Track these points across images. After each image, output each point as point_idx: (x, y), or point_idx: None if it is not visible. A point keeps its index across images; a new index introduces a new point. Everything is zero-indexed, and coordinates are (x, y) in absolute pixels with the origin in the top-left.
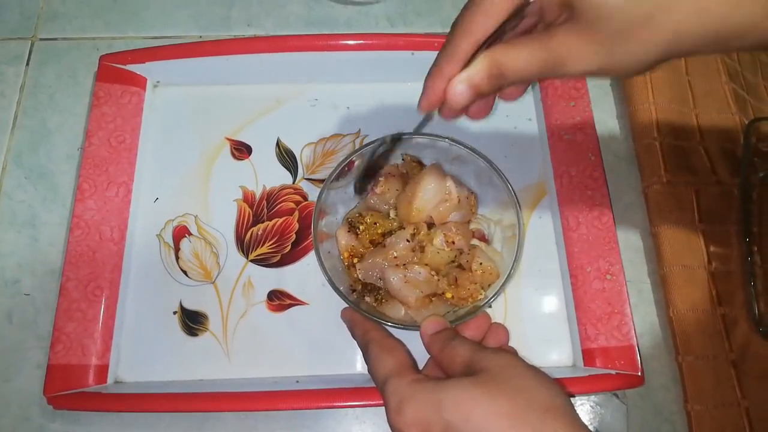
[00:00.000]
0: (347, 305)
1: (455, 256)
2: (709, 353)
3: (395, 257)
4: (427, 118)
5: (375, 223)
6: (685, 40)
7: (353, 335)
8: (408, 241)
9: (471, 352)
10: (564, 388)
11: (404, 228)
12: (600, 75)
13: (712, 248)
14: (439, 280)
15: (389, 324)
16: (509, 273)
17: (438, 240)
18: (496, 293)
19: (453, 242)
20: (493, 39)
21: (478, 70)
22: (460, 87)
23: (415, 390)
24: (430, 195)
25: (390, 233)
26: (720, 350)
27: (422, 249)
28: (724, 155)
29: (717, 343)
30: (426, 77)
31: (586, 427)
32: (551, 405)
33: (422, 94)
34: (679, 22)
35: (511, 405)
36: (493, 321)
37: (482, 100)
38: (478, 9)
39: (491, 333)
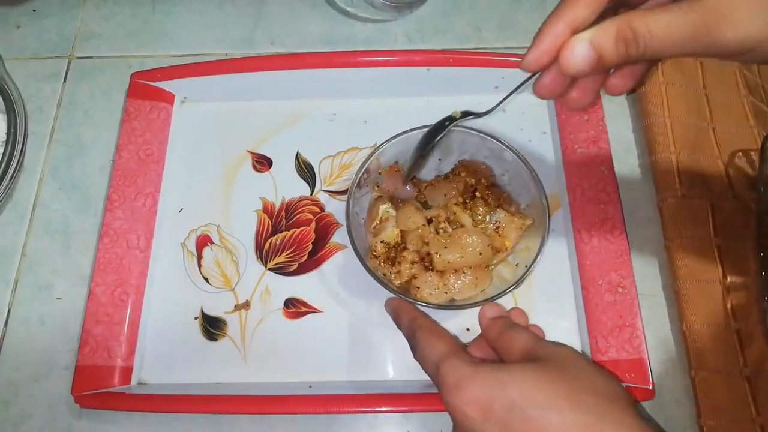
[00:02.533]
0: (391, 297)
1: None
2: (723, 368)
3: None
4: (525, 82)
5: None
6: None
7: (398, 325)
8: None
9: (532, 341)
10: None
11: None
12: (752, 50)
13: (727, 263)
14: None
15: (431, 307)
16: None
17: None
18: (535, 258)
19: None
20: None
21: (607, 29)
22: (580, 46)
23: (477, 370)
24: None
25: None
26: (734, 366)
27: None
28: (741, 169)
29: (731, 358)
30: (540, 27)
31: (644, 417)
32: (615, 396)
33: (532, 45)
34: None
35: (576, 391)
36: None
37: (589, 83)
38: None
39: (531, 329)
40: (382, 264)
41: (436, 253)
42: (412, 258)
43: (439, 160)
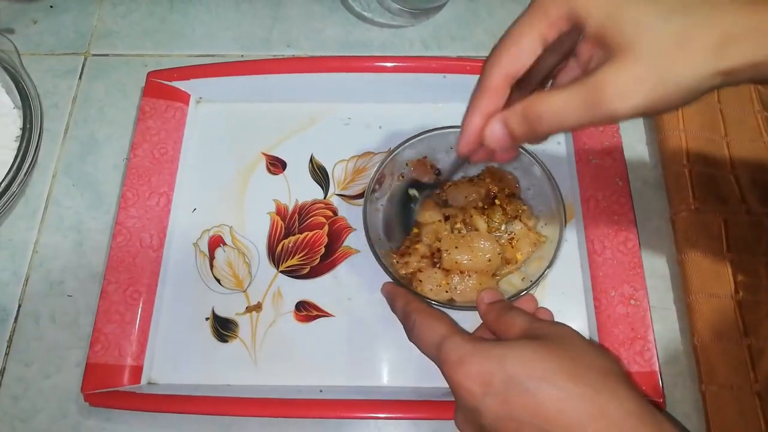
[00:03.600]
0: (387, 282)
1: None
2: (734, 383)
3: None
4: (461, 162)
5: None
6: (734, 52)
7: (393, 308)
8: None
9: (529, 322)
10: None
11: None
12: (648, 110)
13: (739, 278)
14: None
15: (434, 304)
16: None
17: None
18: (545, 269)
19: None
20: (533, 87)
21: (515, 112)
22: (496, 126)
23: (477, 346)
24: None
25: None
26: (745, 381)
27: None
28: (755, 184)
29: (742, 373)
30: (463, 118)
31: (641, 392)
32: (610, 370)
33: (461, 134)
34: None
35: (573, 365)
36: None
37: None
38: (508, 40)
39: (539, 313)
40: (392, 252)
41: (446, 251)
42: (423, 252)
43: (468, 162)
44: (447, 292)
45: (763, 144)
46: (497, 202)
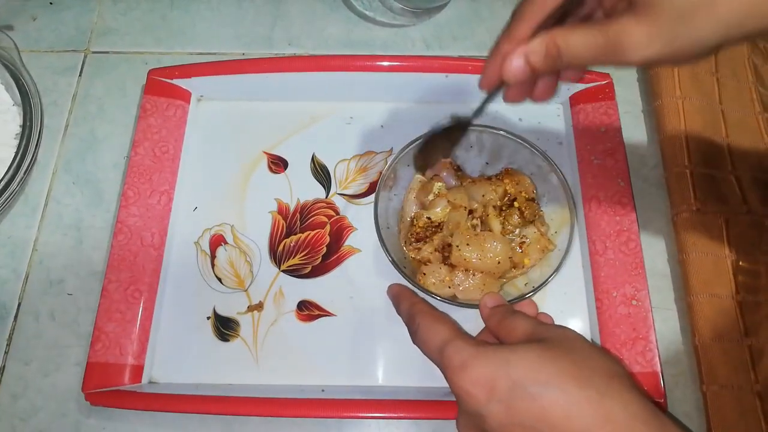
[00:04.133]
0: (394, 283)
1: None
2: (735, 384)
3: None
4: (489, 99)
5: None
6: (748, 19)
7: (398, 310)
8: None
9: (532, 326)
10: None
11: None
12: (658, 63)
13: (740, 278)
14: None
15: (436, 299)
16: (567, 248)
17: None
18: (550, 275)
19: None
20: (553, 24)
21: (535, 45)
22: (516, 61)
23: (480, 351)
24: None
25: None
26: (745, 381)
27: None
28: (756, 185)
29: (742, 373)
30: (486, 58)
31: (645, 394)
32: (615, 372)
33: (482, 72)
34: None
35: (578, 369)
36: None
37: (544, 83)
38: None
39: (539, 318)
40: (409, 236)
41: (457, 246)
42: (437, 244)
43: (486, 163)
44: (449, 288)
45: (764, 145)
46: (516, 204)
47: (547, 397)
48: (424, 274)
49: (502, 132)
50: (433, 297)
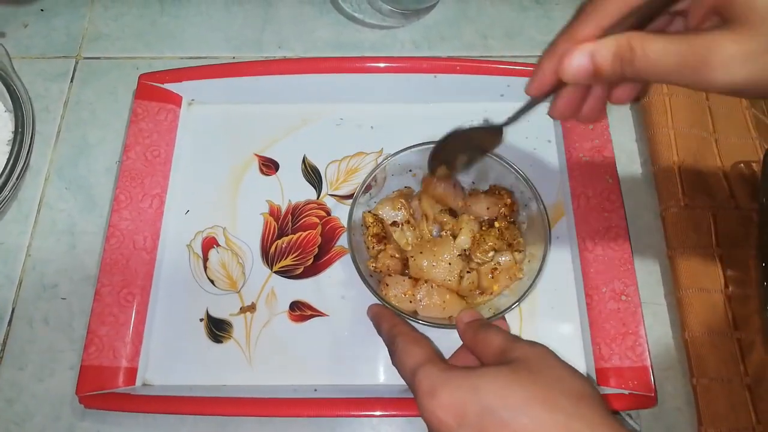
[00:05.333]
0: (373, 303)
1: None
2: (724, 377)
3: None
4: (530, 106)
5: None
6: None
7: (379, 331)
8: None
9: (506, 342)
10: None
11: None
12: (743, 90)
13: (729, 272)
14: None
15: (416, 321)
16: (541, 263)
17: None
18: (520, 297)
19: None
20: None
21: (607, 46)
22: (580, 58)
23: (450, 376)
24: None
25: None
26: (735, 374)
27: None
28: (743, 180)
29: (732, 366)
30: (540, 58)
31: (614, 415)
32: (583, 393)
33: (533, 74)
34: None
35: (546, 392)
36: None
37: (594, 99)
38: None
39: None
40: (370, 237)
41: (412, 256)
42: (392, 252)
43: (473, 183)
44: (411, 302)
45: (751, 140)
46: (497, 224)
47: (516, 421)
48: (387, 285)
49: (491, 155)
50: (398, 311)
